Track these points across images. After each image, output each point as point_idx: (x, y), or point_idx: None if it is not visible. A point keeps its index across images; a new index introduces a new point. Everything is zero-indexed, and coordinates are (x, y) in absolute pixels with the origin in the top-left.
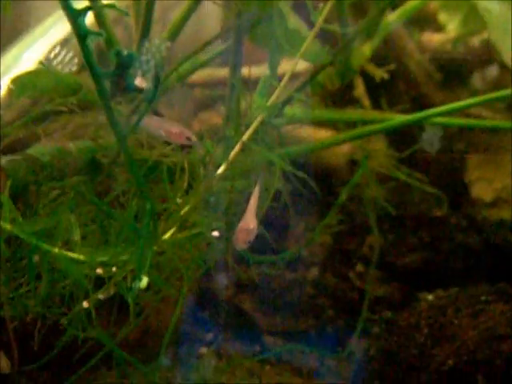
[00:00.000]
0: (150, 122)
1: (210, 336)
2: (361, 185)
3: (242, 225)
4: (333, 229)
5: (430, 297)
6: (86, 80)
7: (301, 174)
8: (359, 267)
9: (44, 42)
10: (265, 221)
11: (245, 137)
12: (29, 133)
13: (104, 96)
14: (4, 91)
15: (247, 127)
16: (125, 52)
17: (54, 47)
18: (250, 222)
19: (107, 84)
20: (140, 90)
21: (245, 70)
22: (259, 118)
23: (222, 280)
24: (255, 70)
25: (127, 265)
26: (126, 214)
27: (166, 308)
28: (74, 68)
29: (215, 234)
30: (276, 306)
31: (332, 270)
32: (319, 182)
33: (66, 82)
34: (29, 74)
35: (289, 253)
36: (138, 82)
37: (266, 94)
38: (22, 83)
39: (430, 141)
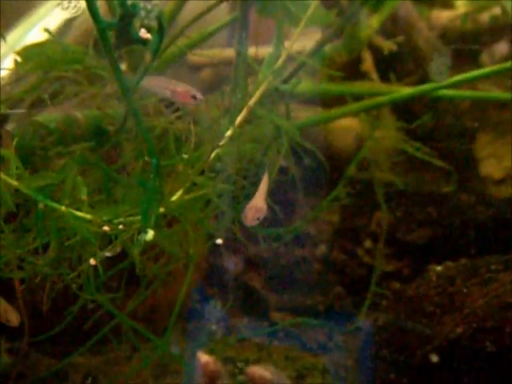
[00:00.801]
0: (155, 82)
1: (218, 312)
2: (369, 160)
3: (251, 203)
4: (341, 201)
5: (439, 268)
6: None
7: (308, 145)
8: (367, 244)
9: (48, 22)
10: (273, 197)
11: (251, 102)
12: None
13: (108, 49)
14: (11, 67)
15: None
16: (129, 2)
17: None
18: (259, 201)
19: (111, 35)
20: (144, 42)
21: (252, 50)
22: (265, 83)
23: (230, 257)
24: (262, 50)
25: (134, 222)
26: (132, 173)
27: (175, 284)
28: None
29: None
30: (284, 282)
31: (340, 246)
32: (327, 162)
33: (73, 52)
34: (35, 44)
35: (296, 225)
36: (143, 33)
37: (273, 65)
38: (28, 54)
39: (439, 70)
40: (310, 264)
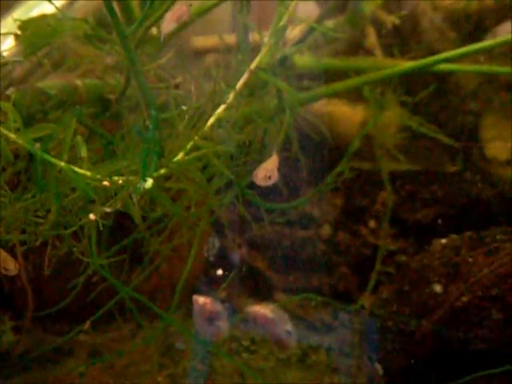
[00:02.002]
0: None
1: (222, 293)
2: (373, 141)
3: (263, 165)
4: (345, 176)
5: (444, 240)
6: None
7: (311, 117)
8: (372, 224)
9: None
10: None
11: (253, 65)
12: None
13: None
14: (13, 45)
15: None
16: None
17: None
18: (271, 164)
19: None
20: None
21: (255, 35)
22: (268, 46)
23: (234, 237)
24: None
25: (134, 178)
26: (132, 128)
27: (179, 263)
28: None
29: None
30: (289, 263)
31: (345, 226)
32: (332, 151)
33: (76, 26)
34: (37, 18)
35: (301, 200)
36: None
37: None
38: (29, 26)
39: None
40: (314, 244)
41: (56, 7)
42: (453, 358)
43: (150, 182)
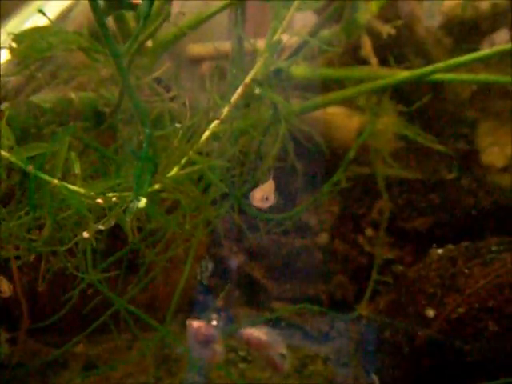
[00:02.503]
0: None
1: (219, 302)
2: (369, 147)
3: (260, 187)
4: (341, 186)
5: (440, 250)
6: None
7: (307, 127)
8: (369, 232)
9: (52, 8)
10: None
11: (248, 78)
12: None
13: (104, 26)
14: (7, 58)
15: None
16: None
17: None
18: (268, 187)
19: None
20: (134, 7)
21: (251, 43)
22: (262, 59)
23: (231, 247)
24: (262, 43)
25: (127, 195)
26: (126, 146)
27: (175, 273)
28: None
29: None
30: (285, 272)
31: (341, 235)
32: (329, 158)
33: (71, 39)
34: (30, 29)
35: (297, 210)
36: None
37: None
38: (23, 38)
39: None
40: (311, 253)
41: (50, 20)
42: (449, 370)
43: (143, 202)
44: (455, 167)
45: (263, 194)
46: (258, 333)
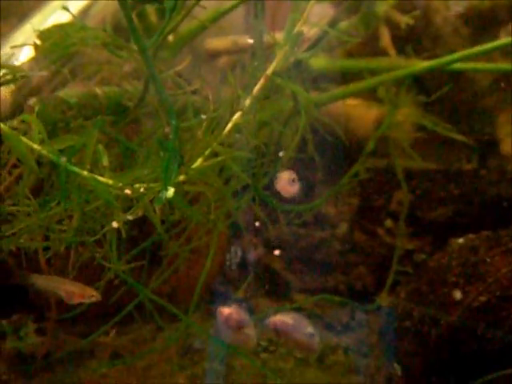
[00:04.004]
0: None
1: (239, 294)
2: (387, 139)
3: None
4: (361, 176)
5: (461, 240)
6: None
7: (327, 118)
8: (388, 223)
9: (73, 5)
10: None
11: (269, 70)
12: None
13: (131, 20)
14: (31, 54)
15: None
16: None
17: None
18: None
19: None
20: (161, 0)
21: (269, 37)
22: (283, 51)
23: (251, 239)
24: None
25: (155, 186)
26: (153, 137)
27: (197, 264)
28: None
29: None
30: (305, 264)
31: (361, 227)
32: (347, 150)
33: (95, 35)
34: (54, 26)
35: (317, 202)
36: None
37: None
38: (47, 35)
39: None
40: (330, 245)
41: (73, 16)
42: (471, 357)
43: (171, 192)
44: (474, 157)
45: (290, 177)
46: (284, 318)
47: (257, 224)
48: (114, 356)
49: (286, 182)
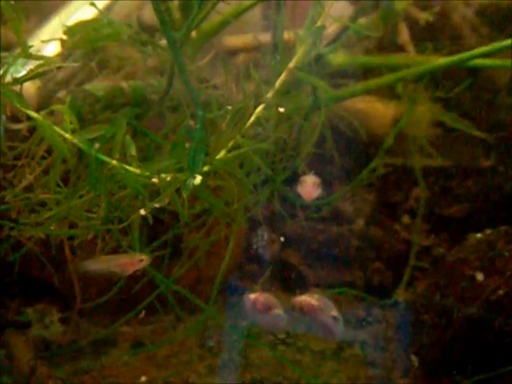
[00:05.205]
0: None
1: (257, 288)
2: (405, 137)
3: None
4: (379, 172)
5: (479, 235)
6: None
7: (346, 114)
8: (405, 219)
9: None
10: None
11: (291, 64)
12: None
13: (161, 13)
14: (56, 50)
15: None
16: None
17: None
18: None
19: None
20: None
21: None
22: (305, 45)
23: (269, 233)
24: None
25: (181, 175)
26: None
27: (217, 258)
28: None
29: None
30: (322, 258)
31: (378, 222)
32: (365, 148)
33: (121, 31)
34: (80, 22)
35: (335, 196)
36: None
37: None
38: (74, 30)
39: None
40: (347, 240)
41: (99, 10)
42: (488, 350)
43: (199, 179)
44: (492, 154)
45: (314, 181)
46: (309, 299)
47: (275, 218)
48: (136, 345)
49: (310, 187)
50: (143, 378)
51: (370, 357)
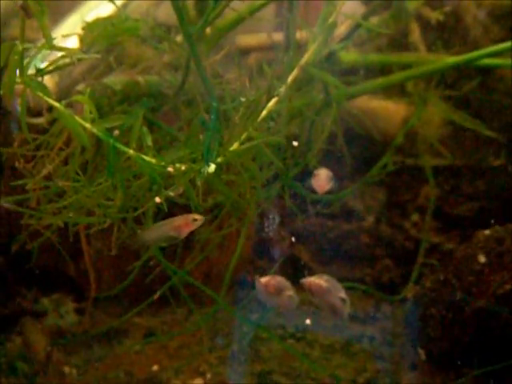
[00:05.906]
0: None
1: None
2: (415, 137)
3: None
4: (389, 169)
5: (487, 232)
6: None
7: (357, 112)
8: (415, 217)
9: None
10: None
11: (303, 60)
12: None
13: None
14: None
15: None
16: None
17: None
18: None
19: None
20: None
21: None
22: (317, 42)
23: (279, 229)
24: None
25: (195, 165)
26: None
27: (228, 252)
28: None
29: None
30: (332, 255)
31: (388, 220)
32: (375, 146)
33: (137, 27)
34: (100, 20)
35: (345, 192)
36: None
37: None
38: (92, 26)
39: None
40: (357, 237)
41: (117, 7)
42: (495, 344)
43: (213, 167)
44: (503, 153)
45: (327, 175)
46: (318, 280)
47: (285, 214)
48: (148, 336)
49: (323, 179)
50: (155, 367)
51: (378, 351)
